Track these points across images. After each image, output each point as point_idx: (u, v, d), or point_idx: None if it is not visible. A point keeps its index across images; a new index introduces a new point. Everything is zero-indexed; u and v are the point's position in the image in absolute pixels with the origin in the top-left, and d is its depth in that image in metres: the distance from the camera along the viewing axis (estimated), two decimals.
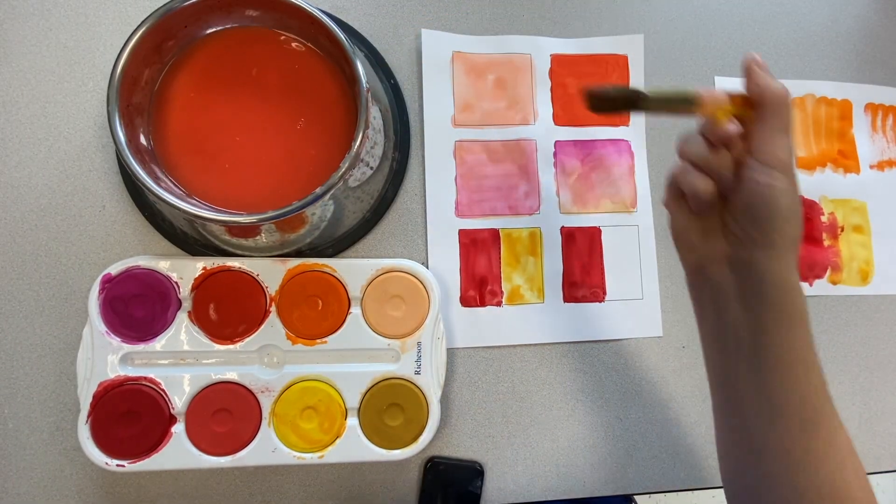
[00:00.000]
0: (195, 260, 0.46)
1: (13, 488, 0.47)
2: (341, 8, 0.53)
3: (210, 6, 0.43)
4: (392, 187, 0.51)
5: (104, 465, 0.44)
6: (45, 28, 0.50)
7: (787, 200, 0.32)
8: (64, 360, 0.47)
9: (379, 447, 0.47)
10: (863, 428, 0.55)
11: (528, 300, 0.52)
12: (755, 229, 0.32)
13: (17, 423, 0.47)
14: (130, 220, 0.49)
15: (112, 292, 0.45)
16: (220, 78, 0.46)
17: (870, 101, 0.59)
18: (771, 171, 0.32)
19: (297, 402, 0.46)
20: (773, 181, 0.31)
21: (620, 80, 0.55)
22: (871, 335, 0.56)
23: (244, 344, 0.46)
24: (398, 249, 0.51)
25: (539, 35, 0.55)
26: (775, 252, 0.32)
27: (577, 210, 0.53)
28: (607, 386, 0.52)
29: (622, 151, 0.54)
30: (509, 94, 0.54)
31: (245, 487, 0.48)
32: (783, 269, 0.32)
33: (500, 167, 0.53)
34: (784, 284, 0.32)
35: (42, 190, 0.49)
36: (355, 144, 0.42)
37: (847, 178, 0.57)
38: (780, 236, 0.32)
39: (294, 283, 0.47)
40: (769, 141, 0.32)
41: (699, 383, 0.53)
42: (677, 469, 0.52)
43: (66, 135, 0.49)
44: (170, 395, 0.45)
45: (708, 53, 0.57)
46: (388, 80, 0.52)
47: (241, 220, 0.41)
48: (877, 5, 0.60)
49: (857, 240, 0.57)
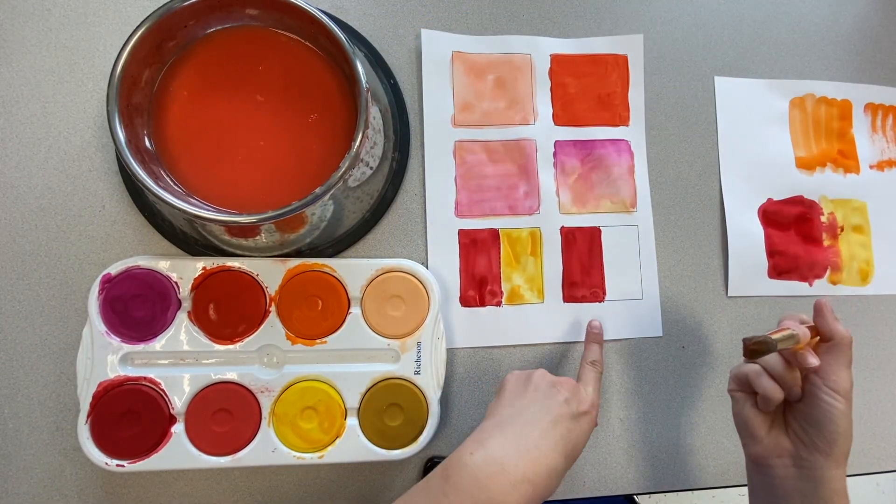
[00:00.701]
0: (195, 260, 0.46)
1: (13, 488, 0.47)
2: (341, 8, 0.53)
3: (210, 6, 0.43)
4: (392, 187, 0.51)
5: (104, 465, 0.44)
6: (45, 28, 0.50)
7: (845, 422, 0.39)
8: (64, 360, 0.47)
9: (379, 447, 0.47)
10: (863, 428, 0.55)
11: (528, 300, 0.52)
12: (819, 438, 0.39)
13: (17, 423, 0.47)
14: (130, 220, 0.49)
15: (112, 292, 0.45)
16: (220, 78, 0.46)
17: (870, 101, 0.59)
18: (837, 396, 0.39)
19: (297, 402, 0.46)
20: (838, 404, 0.39)
21: (620, 80, 0.55)
22: (871, 335, 0.56)
23: (244, 344, 0.46)
24: (398, 249, 0.51)
25: (539, 35, 0.55)
26: (833, 461, 0.39)
27: (576, 210, 0.53)
28: (607, 386, 0.52)
29: (622, 151, 0.54)
30: (509, 93, 0.54)
31: (245, 487, 0.48)
32: (838, 477, 0.39)
33: (500, 167, 0.53)
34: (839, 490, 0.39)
35: (42, 190, 0.49)
36: (355, 144, 0.42)
37: (847, 178, 0.57)
38: (838, 449, 0.39)
39: (294, 283, 0.47)
40: (836, 372, 0.39)
41: (699, 383, 0.53)
42: (677, 469, 0.52)
43: (66, 135, 0.49)
44: (170, 395, 0.45)
45: (708, 53, 0.57)
46: (387, 80, 0.52)
47: (241, 220, 0.41)
48: (877, 5, 0.60)
49: (857, 240, 0.57)
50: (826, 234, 0.56)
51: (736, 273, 0.54)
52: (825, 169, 0.57)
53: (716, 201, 0.56)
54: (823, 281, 0.56)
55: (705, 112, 0.56)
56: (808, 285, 0.56)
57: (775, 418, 0.43)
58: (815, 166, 0.57)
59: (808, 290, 0.56)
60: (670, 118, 0.56)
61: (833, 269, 0.56)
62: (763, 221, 0.56)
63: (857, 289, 0.56)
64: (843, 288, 0.56)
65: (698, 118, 0.56)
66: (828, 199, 0.57)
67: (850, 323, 0.56)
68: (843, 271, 0.56)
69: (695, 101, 0.56)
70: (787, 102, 0.57)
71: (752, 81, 0.57)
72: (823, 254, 0.56)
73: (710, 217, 0.55)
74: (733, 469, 0.53)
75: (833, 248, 0.56)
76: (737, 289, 0.55)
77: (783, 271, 0.55)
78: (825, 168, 0.57)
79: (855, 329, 0.55)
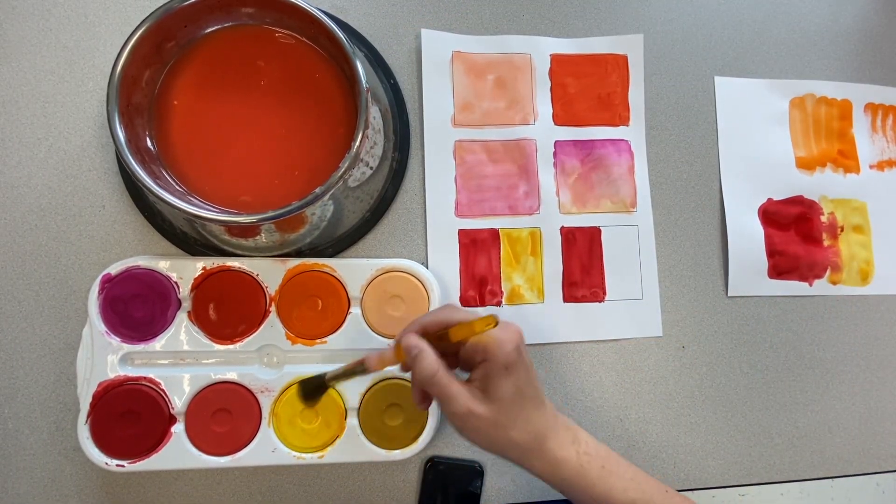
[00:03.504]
0: (195, 260, 0.46)
1: (13, 488, 0.47)
2: (341, 8, 0.53)
3: (209, 6, 0.43)
4: (392, 187, 0.51)
5: (104, 465, 0.44)
6: (45, 28, 0.50)
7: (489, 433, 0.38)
8: (64, 360, 0.47)
9: (379, 447, 0.47)
10: (863, 428, 0.55)
11: (528, 300, 0.52)
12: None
13: (17, 423, 0.47)
14: (130, 220, 0.49)
15: (112, 292, 0.45)
16: (220, 78, 0.46)
17: (870, 101, 0.59)
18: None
19: (297, 402, 0.46)
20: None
21: (620, 80, 0.55)
22: (871, 335, 0.56)
23: (244, 344, 0.46)
24: (398, 249, 0.51)
25: (539, 35, 0.55)
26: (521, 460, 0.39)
27: (576, 210, 0.53)
28: (607, 386, 0.52)
29: (622, 151, 0.54)
30: (509, 93, 0.54)
31: (245, 487, 0.48)
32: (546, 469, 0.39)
33: (500, 167, 0.53)
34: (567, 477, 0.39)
35: (42, 190, 0.49)
36: (355, 144, 0.42)
37: (847, 178, 0.57)
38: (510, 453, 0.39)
39: (294, 283, 0.47)
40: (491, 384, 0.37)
41: (699, 383, 0.53)
42: (677, 469, 0.52)
43: (66, 135, 0.49)
44: (170, 395, 0.45)
45: (708, 53, 0.57)
46: (388, 80, 0.52)
47: (241, 220, 0.41)
48: (877, 5, 0.60)
49: (857, 240, 0.57)
50: (826, 234, 0.56)
51: (736, 273, 0.54)
52: (825, 169, 0.57)
53: (716, 201, 0.56)
54: (823, 281, 0.56)
55: (705, 112, 0.56)
56: (808, 285, 0.56)
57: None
58: (815, 166, 0.57)
59: (808, 290, 0.56)
60: (670, 118, 0.56)
61: (833, 269, 0.56)
62: (763, 221, 0.56)
63: (857, 289, 0.56)
64: (843, 288, 0.56)
65: (698, 118, 0.56)
66: (828, 199, 0.57)
67: (850, 323, 0.56)
68: (843, 271, 0.56)
69: (695, 101, 0.56)
70: (787, 102, 0.57)
71: (752, 81, 0.57)
72: (823, 254, 0.56)
73: (710, 217, 0.55)
74: (733, 469, 0.53)
75: (833, 248, 0.56)
76: (737, 289, 0.55)
77: (783, 271, 0.55)
78: (825, 168, 0.57)
79: (855, 329, 0.56)
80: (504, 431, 0.37)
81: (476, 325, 0.36)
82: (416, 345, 0.37)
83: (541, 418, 0.38)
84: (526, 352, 0.38)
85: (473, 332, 0.36)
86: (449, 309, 0.39)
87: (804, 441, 0.54)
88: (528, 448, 0.38)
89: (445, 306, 0.39)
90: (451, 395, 0.36)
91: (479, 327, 0.36)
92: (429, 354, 0.36)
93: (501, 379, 0.36)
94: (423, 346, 0.37)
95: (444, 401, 0.37)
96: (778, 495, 0.53)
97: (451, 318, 0.38)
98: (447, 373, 0.37)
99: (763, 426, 0.54)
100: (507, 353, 0.36)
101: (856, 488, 0.54)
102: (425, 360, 0.36)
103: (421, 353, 0.36)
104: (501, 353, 0.36)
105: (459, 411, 0.36)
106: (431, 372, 0.36)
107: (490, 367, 0.36)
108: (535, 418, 0.38)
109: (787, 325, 0.55)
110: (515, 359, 0.37)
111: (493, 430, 0.37)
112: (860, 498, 0.54)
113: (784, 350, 0.55)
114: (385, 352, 0.39)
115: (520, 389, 0.37)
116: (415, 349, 0.37)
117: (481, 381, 0.37)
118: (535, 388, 0.38)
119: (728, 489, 0.52)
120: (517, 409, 0.37)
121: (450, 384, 0.36)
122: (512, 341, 0.37)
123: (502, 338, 0.36)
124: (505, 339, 0.36)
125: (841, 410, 0.55)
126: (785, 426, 0.54)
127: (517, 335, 0.37)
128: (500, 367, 0.36)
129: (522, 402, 0.37)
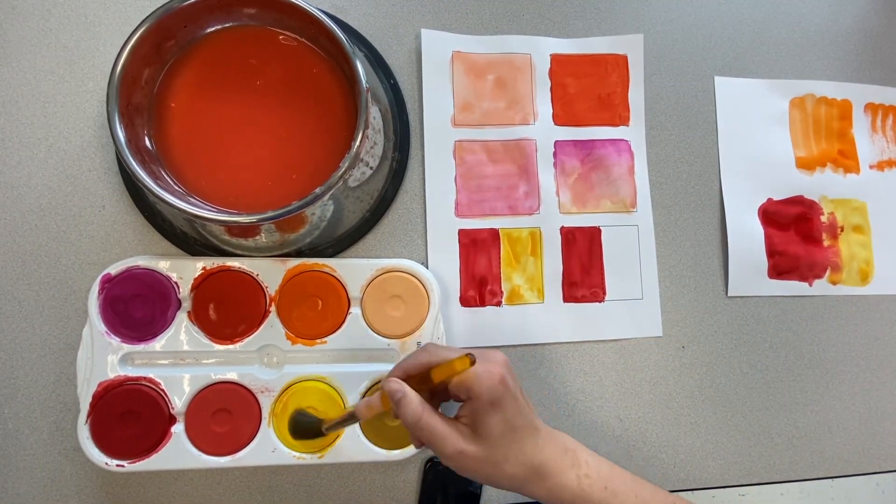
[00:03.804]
0: (195, 260, 0.46)
1: (13, 488, 0.47)
2: (341, 8, 0.53)
3: (209, 6, 0.43)
4: (392, 187, 0.51)
5: (104, 465, 0.44)
6: (45, 28, 0.50)
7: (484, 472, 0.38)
8: (64, 360, 0.47)
9: (379, 447, 0.47)
10: (863, 428, 0.55)
11: (528, 300, 0.52)
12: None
13: (17, 423, 0.47)
14: (130, 220, 0.49)
15: (112, 292, 0.45)
16: (220, 78, 0.46)
17: (870, 101, 0.59)
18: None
19: (297, 402, 0.46)
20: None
21: (620, 80, 0.55)
22: (871, 335, 0.56)
23: (244, 344, 0.46)
24: (398, 249, 0.51)
25: (539, 35, 0.55)
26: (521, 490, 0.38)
27: (576, 210, 0.53)
28: (607, 386, 0.52)
29: (622, 151, 0.54)
30: (509, 93, 0.54)
31: (245, 487, 0.48)
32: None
33: (500, 167, 0.53)
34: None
35: (42, 190, 0.49)
36: (355, 144, 0.42)
37: (847, 178, 0.57)
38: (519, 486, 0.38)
39: (294, 283, 0.47)
40: (478, 421, 0.37)
41: (699, 383, 0.53)
42: (677, 469, 0.52)
43: (66, 135, 0.49)
44: (170, 395, 0.45)
45: (708, 53, 0.57)
46: (388, 80, 0.52)
47: (241, 220, 0.41)
48: (877, 5, 0.60)
49: (857, 240, 0.57)
50: (826, 234, 0.56)
51: (736, 273, 0.54)
52: (825, 169, 0.57)
53: (716, 201, 0.56)
54: (823, 281, 0.56)
55: (705, 112, 0.56)
56: (808, 285, 0.56)
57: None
58: (815, 166, 0.57)
59: (808, 290, 0.56)
60: (670, 118, 0.56)
61: (833, 269, 0.56)
62: (763, 221, 0.56)
63: (857, 289, 0.56)
64: (843, 288, 0.56)
65: (698, 118, 0.56)
66: (828, 199, 0.57)
67: (850, 323, 0.56)
68: (843, 271, 0.56)
69: (695, 101, 0.56)
70: (787, 102, 0.57)
71: (752, 81, 0.57)
72: (823, 254, 0.56)
73: (710, 217, 0.55)
74: (733, 469, 0.53)
75: (833, 248, 0.56)
76: (737, 289, 0.55)
77: (783, 271, 0.55)
78: (825, 168, 0.57)
79: (855, 329, 0.56)
80: (498, 468, 0.36)
81: (456, 365, 0.35)
82: (398, 389, 0.36)
83: (535, 448, 0.37)
84: (513, 380, 0.37)
85: (455, 371, 0.35)
86: (429, 350, 0.38)
87: (804, 441, 0.54)
88: (525, 479, 0.37)
89: (425, 347, 0.39)
90: (439, 438, 0.36)
91: (460, 366, 0.35)
92: (412, 399, 0.36)
93: (489, 415, 0.36)
94: (406, 391, 0.36)
95: (433, 444, 0.36)
96: (778, 495, 0.53)
97: (431, 359, 0.37)
98: (433, 415, 0.36)
99: (763, 426, 0.54)
100: (491, 388, 0.36)
101: (856, 488, 0.54)
102: (409, 406, 0.35)
103: (404, 398, 0.36)
104: (485, 389, 0.35)
105: (450, 453, 0.36)
106: (416, 417, 0.35)
107: (476, 404, 0.36)
108: (528, 449, 0.37)
109: (787, 325, 0.55)
110: (501, 392, 0.36)
111: (487, 467, 0.36)
112: (860, 498, 0.54)
113: (784, 350, 0.55)
114: (372, 399, 0.39)
115: (509, 422, 0.36)
116: (398, 394, 0.36)
117: (469, 417, 0.37)
118: (526, 417, 0.37)
119: (728, 489, 0.52)
120: (508, 443, 0.36)
121: (436, 427, 0.36)
122: (495, 375, 0.36)
123: (483, 374, 0.36)
124: (486, 374, 0.36)
125: (841, 410, 0.55)
126: (785, 426, 0.54)
127: (500, 367, 0.37)
128: (486, 403, 0.36)
129: (514, 435, 0.37)
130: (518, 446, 0.37)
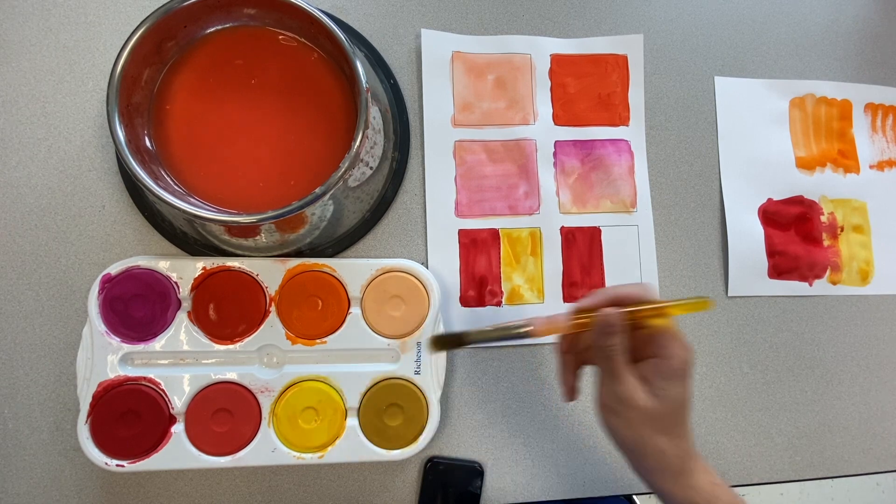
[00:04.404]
0: (195, 260, 0.46)
1: (13, 488, 0.47)
2: (341, 8, 0.53)
3: (209, 6, 0.43)
4: (392, 187, 0.51)
5: (104, 465, 0.44)
6: (45, 28, 0.50)
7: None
8: (64, 360, 0.47)
9: (379, 447, 0.47)
10: (863, 428, 0.55)
11: (528, 300, 0.52)
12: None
13: (17, 423, 0.47)
14: (130, 220, 0.49)
15: (112, 292, 0.45)
16: (220, 78, 0.46)
17: (870, 101, 0.59)
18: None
19: (297, 402, 0.46)
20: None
21: (620, 80, 0.55)
22: (871, 335, 0.56)
23: (244, 344, 0.46)
24: (398, 249, 0.51)
25: (539, 35, 0.55)
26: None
27: (576, 210, 0.53)
28: None
29: (622, 151, 0.54)
30: (509, 93, 0.54)
31: (245, 487, 0.48)
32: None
33: (500, 167, 0.53)
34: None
35: (42, 190, 0.49)
36: (355, 144, 0.42)
37: (847, 178, 0.57)
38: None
39: (294, 283, 0.47)
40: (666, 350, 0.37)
41: (699, 383, 0.53)
42: None
43: (66, 135, 0.49)
44: (170, 395, 0.45)
45: (708, 53, 0.57)
46: (388, 80, 0.52)
47: (241, 220, 0.41)
48: (877, 5, 0.60)
49: (857, 240, 0.57)
50: (826, 234, 0.56)
51: (736, 273, 0.54)
52: (825, 169, 0.57)
53: (716, 201, 0.56)
54: (823, 281, 0.56)
55: (705, 112, 0.56)
56: (808, 285, 0.56)
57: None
58: (815, 166, 0.57)
59: (808, 290, 0.56)
60: (670, 118, 0.56)
61: (833, 269, 0.56)
62: (763, 221, 0.56)
63: (857, 289, 0.56)
64: (843, 288, 0.56)
65: (698, 118, 0.56)
66: (828, 199, 0.57)
67: (850, 323, 0.56)
68: (843, 271, 0.56)
69: (695, 101, 0.56)
70: (787, 102, 0.57)
71: (752, 81, 0.57)
72: (823, 254, 0.56)
73: (710, 217, 0.55)
74: (733, 469, 0.53)
75: (833, 248, 0.56)
76: (737, 289, 0.55)
77: (783, 271, 0.55)
78: (825, 168, 0.57)
79: (855, 329, 0.56)
80: (657, 434, 0.36)
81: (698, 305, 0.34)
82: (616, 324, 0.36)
83: (690, 437, 0.37)
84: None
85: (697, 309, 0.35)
86: (645, 286, 0.38)
87: (804, 441, 0.54)
88: (669, 462, 0.36)
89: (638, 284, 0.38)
90: (622, 376, 0.35)
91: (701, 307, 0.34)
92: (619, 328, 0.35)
93: (674, 381, 0.35)
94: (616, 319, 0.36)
95: (612, 379, 0.36)
96: (778, 495, 0.53)
97: (645, 294, 0.37)
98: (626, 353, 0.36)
99: (763, 426, 0.54)
100: (686, 354, 0.36)
101: (856, 488, 0.54)
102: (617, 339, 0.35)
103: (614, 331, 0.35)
104: (684, 355, 0.35)
105: (623, 395, 0.35)
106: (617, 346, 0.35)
107: (664, 365, 0.36)
108: (687, 433, 0.37)
109: (787, 325, 0.55)
110: (688, 369, 0.36)
111: (646, 427, 0.36)
112: (860, 498, 0.54)
113: (784, 350, 0.55)
114: (557, 318, 0.37)
115: (686, 400, 0.36)
116: (615, 327, 0.36)
117: (648, 376, 0.36)
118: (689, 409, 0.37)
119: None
120: (678, 417, 0.36)
121: (626, 364, 0.36)
122: (691, 351, 0.36)
123: (683, 338, 0.36)
124: (688, 346, 0.36)
125: (841, 410, 0.55)
126: (785, 426, 0.54)
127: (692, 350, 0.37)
128: (676, 369, 0.35)
129: (684, 413, 0.36)
130: (684, 426, 0.37)
